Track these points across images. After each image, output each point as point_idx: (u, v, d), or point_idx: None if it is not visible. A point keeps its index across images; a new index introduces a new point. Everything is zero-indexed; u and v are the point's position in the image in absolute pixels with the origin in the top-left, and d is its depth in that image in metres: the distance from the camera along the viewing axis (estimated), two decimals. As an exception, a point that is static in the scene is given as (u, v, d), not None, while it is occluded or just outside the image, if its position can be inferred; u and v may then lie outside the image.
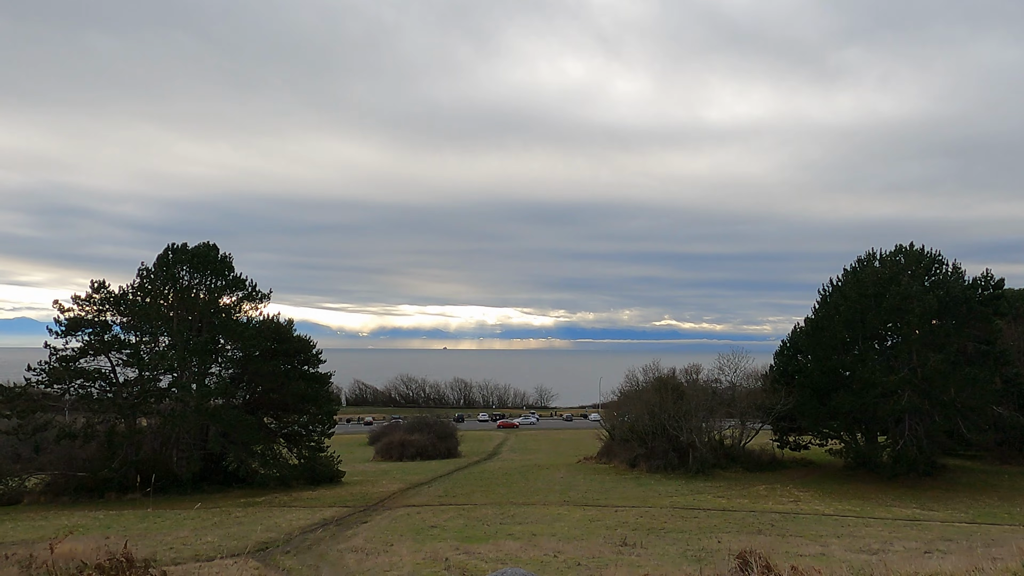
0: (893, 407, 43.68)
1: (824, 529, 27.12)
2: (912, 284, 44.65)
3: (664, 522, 28.38)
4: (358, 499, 39.10)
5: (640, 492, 41.09)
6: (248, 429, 43.78)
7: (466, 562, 15.97)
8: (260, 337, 45.41)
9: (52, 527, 29.45)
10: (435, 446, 75.31)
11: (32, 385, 43.65)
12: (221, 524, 28.66)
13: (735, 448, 53.32)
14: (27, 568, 14.76)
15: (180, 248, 45.44)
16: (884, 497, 40.34)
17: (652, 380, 55.26)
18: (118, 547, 18.55)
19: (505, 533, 24.49)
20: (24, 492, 43.32)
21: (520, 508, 33.47)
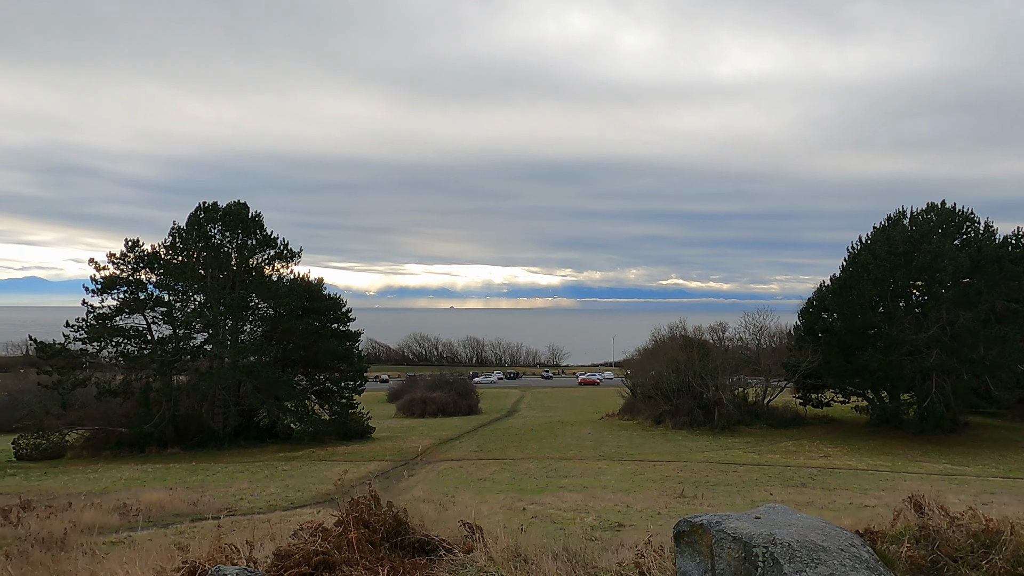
0: (921, 365, 44.02)
1: (864, 483, 27.65)
2: (944, 242, 44.58)
3: (706, 476, 28.96)
4: (394, 454, 39.85)
5: (670, 447, 41.77)
6: (283, 385, 44.47)
7: (541, 511, 16.46)
8: (292, 295, 45.80)
9: (107, 479, 30.22)
10: (456, 403, 76.36)
11: (70, 342, 44.26)
12: (273, 477, 29.37)
13: (758, 405, 53.92)
14: (125, 515, 15.31)
15: (211, 207, 45.57)
16: (911, 453, 40.93)
17: (678, 338, 55.62)
18: (194, 497, 19.17)
19: (556, 486, 25.07)
20: (66, 446, 44.29)
21: (559, 462, 34.13)
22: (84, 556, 11.43)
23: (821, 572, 3.88)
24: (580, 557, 5.19)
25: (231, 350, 42.00)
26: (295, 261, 47.35)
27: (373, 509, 4.98)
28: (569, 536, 8.45)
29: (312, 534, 4.68)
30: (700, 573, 4.32)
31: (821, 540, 4.14)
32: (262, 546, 4.52)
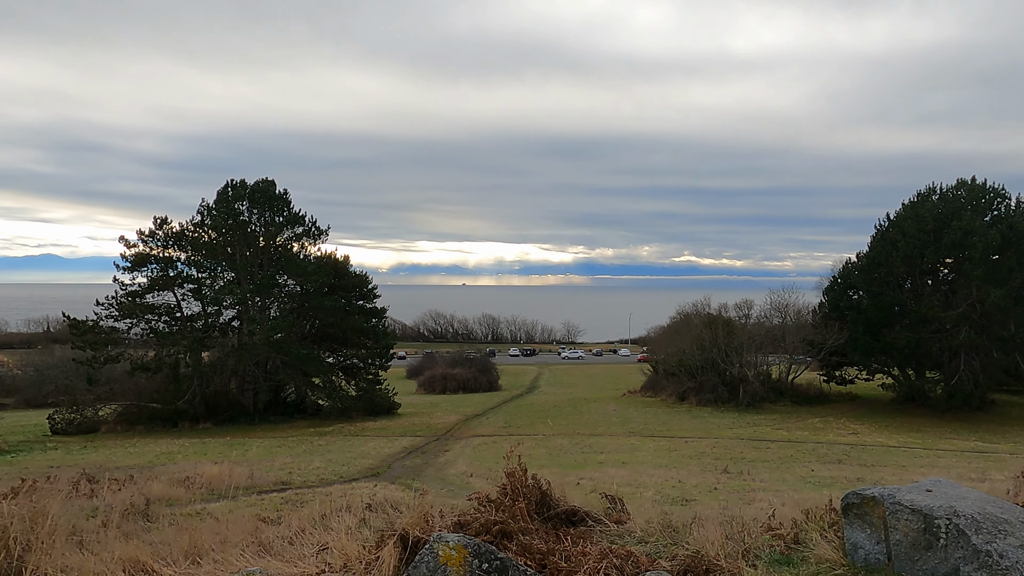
0: (950, 342, 43.88)
1: (901, 460, 27.74)
2: (974, 219, 44.18)
3: (741, 452, 29.12)
4: (424, 430, 40.23)
5: (698, 424, 41.96)
6: (313, 362, 44.88)
7: (597, 486, 16.64)
8: (320, 273, 46.05)
9: (149, 453, 30.73)
10: (477, 379, 76.87)
11: (101, 319, 44.77)
12: (312, 452, 29.77)
13: (782, 382, 54.01)
14: (190, 488, 15.62)
15: (239, 184, 45.74)
16: (940, 430, 40.93)
17: (703, 315, 55.63)
18: (248, 471, 19.50)
19: (595, 462, 25.31)
20: (99, 421, 44.99)
21: (590, 439, 34.40)
22: (171, 527, 11.71)
23: (1011, 543, 3.97)
24: (729, 527, 5.30)
25: (263, 327, 42.35)
26: (323, 239, 47.57)
27: (525, 482, 5.10)
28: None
29: (482, 504, 4.80)
30: (872, 544, 4.43)
31: (1000, 512, 4.23)
32: (442, 516, 4.65)
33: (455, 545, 3.61)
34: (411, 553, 3.83)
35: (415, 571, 3.52)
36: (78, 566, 3.68)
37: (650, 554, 4.25)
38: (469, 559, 3.59)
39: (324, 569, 3.92)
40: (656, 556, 4.28)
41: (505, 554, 3.81)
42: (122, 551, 3.91)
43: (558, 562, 3.96)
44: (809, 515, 5.68)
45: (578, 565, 3.93)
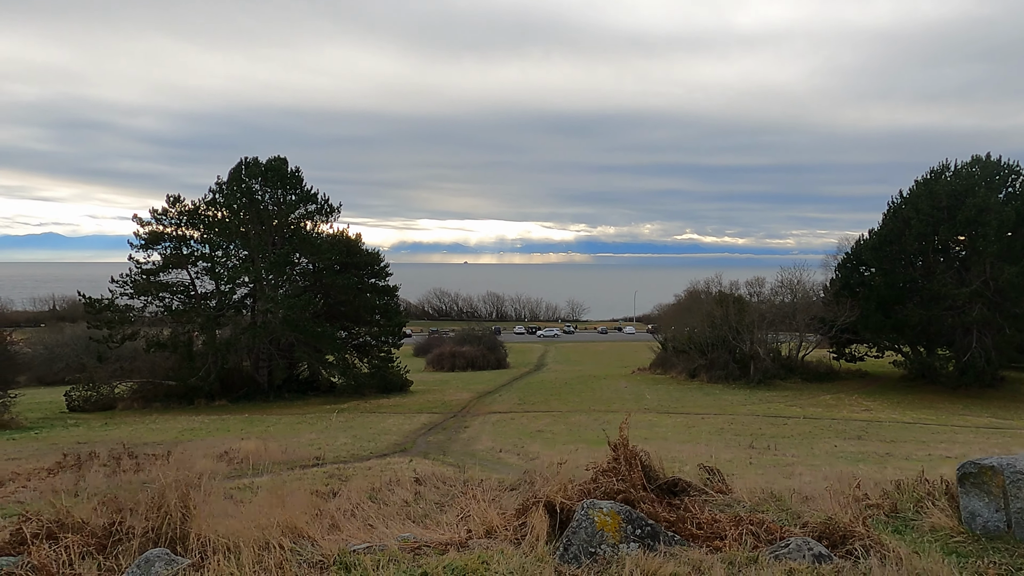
0: (962, 319, 43.97)
1: (919, 436, 27.95)
2: (989, 196, 44.07)
3: (759, 428, 29.35)
4: (440, 406, 40.48)
5: (711, 401, 42.22)
6: (328, 339, 45.08)
7: (633, 461, 16.87)
8: (333, 251, 46.09)
9: (172, 430, 30.99)
10: (485, 357, 77.17)
11: (116, 297, 44.90)
12: (333, 428, 30.01)
13: (792, 359, 54.22)
14: (230, 463, 15.82)
15: (252, 162, 45.62)
16: (952, 407, 41.17)
17: (713, 293, 55.73)
18: (281, 447, 19.69)
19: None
20: (116, 398, 45.31)
21: (607, 415, 34.61)
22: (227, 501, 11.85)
23: None
24: (828, 498, 5.40)
25: (279, 305, 42.46)
26: (335, 216, 47.53)
27: (635, 453, 5.20)
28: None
29: (600, 474, 4.89)
30: (991, 512, 4.53)
31: (1122, 481, 4.33)
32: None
33: (609, 511, 3.71)
34: (559, 520, 3.93)
35: (575, 536, 3.62)
36: (237, 530, 3.78)
37: (775, 522, 4.34)
38: (623, 524, 3.68)
39: (469, 535, 4.02)
40: (783, 524, 4.37)
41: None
42: (277, 516, 4.00)
43: (691, 529, 4.06)
44: (900, 487, 5.77)
45: (714, 532, 4.02)
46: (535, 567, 3.44)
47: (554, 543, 3.72)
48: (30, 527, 3.73)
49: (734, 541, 3.86)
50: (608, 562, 3.51)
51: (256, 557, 3.49)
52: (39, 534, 3.69)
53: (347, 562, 3.50)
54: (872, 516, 5.30)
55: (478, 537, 3.97)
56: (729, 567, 3.55)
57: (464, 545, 3.78)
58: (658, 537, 3.75)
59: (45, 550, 3.45)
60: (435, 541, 3.88)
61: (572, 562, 3.53)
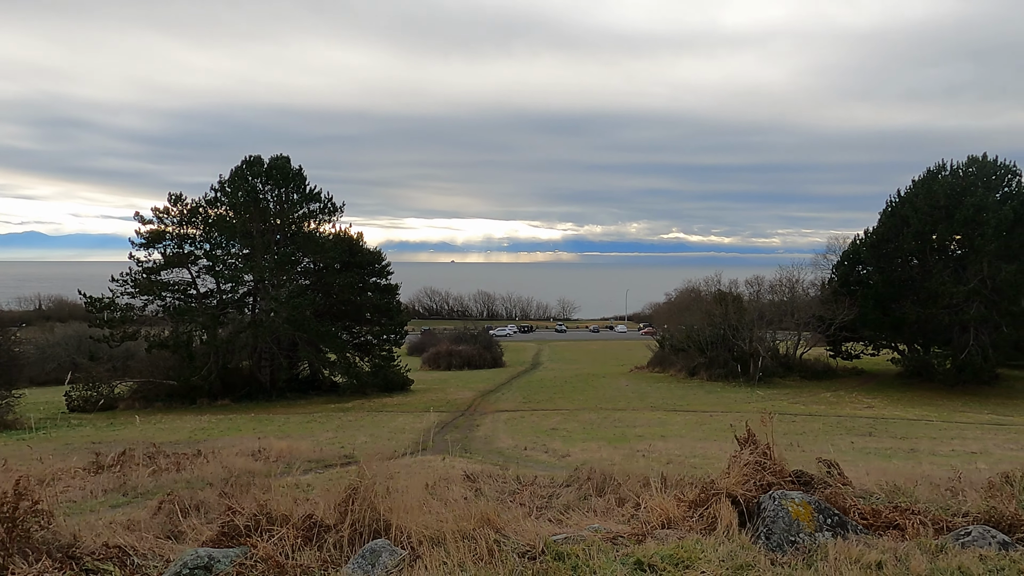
0: (960, 317, 44.59)
1: (928, 432, 28.33)
2: (987, 196, 44.73)
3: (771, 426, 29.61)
4: (445, 405, 40.53)
5: (715, 399, 42.54)
6: (331, 338, 45.01)
7: (674, 458, 17.00)
8: (337, 250, 46.01)
9: (183, 430, 30.82)
10: (481, 356, 77.29)
11: (117, 296, 44.58)
12: (345, 427, 30.00)
13: (790, 357, 54.72)
14: (265, 462, 15.80)
15: (255, 160, 45.45)
16: (951, 403, 41.73)
17: (712, 291, 56.15)
18: (308, 445, 19.68)
19: (634, 435, 25.70)
20: (117, 398, 44.97)
21: (616, 413, 34.83)
22: (283, 500, 11.85)
23: None
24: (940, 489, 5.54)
25: (284, 304, 42.33)
26: (338, 216, 47.44)
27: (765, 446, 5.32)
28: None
29: (744, 467, 5.01)
30: None
31: None
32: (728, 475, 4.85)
33: (801, 502, 3.82)
34: (744, 510, 4.04)
35: (775, 525, 3.73)
36: (435, 522, 3.85)
37: (936, 512, 4.47)
38: (815, 514, 3.80)
39: (647, 526, 4.12)
40: (942, 514, 4.50)
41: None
42: (471, 508, 4.07)
43: (867, 519, 4.17)
44: (1009, 479, 5.93)
45: (886, 521, 4.15)
46: (745, 554, 3.55)
47: (747, 533, 3.84)
48: (241, 520, 3.78)
49: (912, 530, 3.98)
50: (809, 550, 3.63)
51: (464, 547, 3.57)
52: (250, 527, 3.75)
53: (558, 551, 3.59)
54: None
55: (659, 527, 4.08)
56: (924, 554, 3.67)
57: (651, 535, 3.89)
58: (846, 526, 3.87)
59: (264, 542, 3.51)
60: (623, 532, 3.98)
61: (777, 550, 3.65)
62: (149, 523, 6.03)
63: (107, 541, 3.85)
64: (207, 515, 10.11)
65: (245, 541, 3.66)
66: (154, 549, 3.88)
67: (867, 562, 3.51)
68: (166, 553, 3.86)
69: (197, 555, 3.38)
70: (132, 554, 3.73)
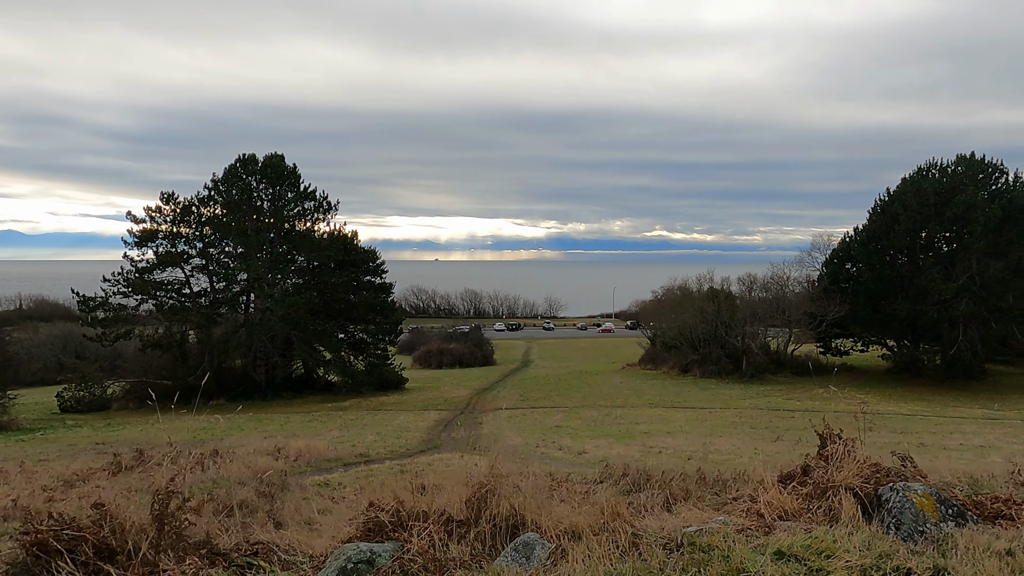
0: (950, 313, 45.29)
1: (926, 426, 28.78)
2: (976, 193, 45.43)
3: (769, 421, 29.97)
4: (442, 403, 40.55)
5: (709, 395, 42.89)
6: (326, 337, 44.86)
7: (694, 454, 17.16)
8: (332, 248, 45.85)
9: (183, 430, 30.52)
10: (472, 354, 77.29)
11: (110, 296, 44.15)
12: (348, 425, 29.95)
13: (781, 354, 55.27)
14: (287, 461, 15.78)
15: (249, 159, 45.17)
16: (942, 398, 42.38)
17: (704, 289, 56.56)
18: (324, 444, 19.67)
19: (640, 432, 25.88)
20: (110, 399, 44.55)
21: (616, 410, 35.04)
22: (320, 499, 11.91)
23: None
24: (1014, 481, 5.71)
25: (280, 302, 42.12)
26: (332, 214, 47.25)
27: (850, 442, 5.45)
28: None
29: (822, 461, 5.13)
30: None
31: None
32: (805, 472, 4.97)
33: (923, 493, 3.95)
34: (864, 503, 4.16)
35: (903, 516, 3.85)
36: (566, 517, 3.93)
37: None
38: (937, 505, 3.93)
39: (762, 518, 4.23)
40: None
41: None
42: (597, 503, 4.16)
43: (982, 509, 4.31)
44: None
45: (994, 511, 4.29)
46: (881, 543, 3.67)
47: (874, 524, 3.96)
48: (385, 515, 3.84)
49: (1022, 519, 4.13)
50: (938, 540, 3.76)
51: (605, 541, 3.66)
52: (394, 522, 3.81)
53: (697, 543, 3.69)
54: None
55: (777, 519, 4.19)
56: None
57: (776, 527, 4.00)
58: (965, 516, 4.00)
59: (414, 537, 3.57)
60: (749, 524, 4.09)
61: (908, 540, 3.77)
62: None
63: (246, 537, 3.90)
64: (253, 513, 10.13)
65: (392, 536, 3.72)
66: (291, 544, 3.93)
67: (996, 550, 3.64)
68: (303, 548, 3.91)
69: (359, 549, 3.43)
70: (276, 549, 3.78)
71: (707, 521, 4.14)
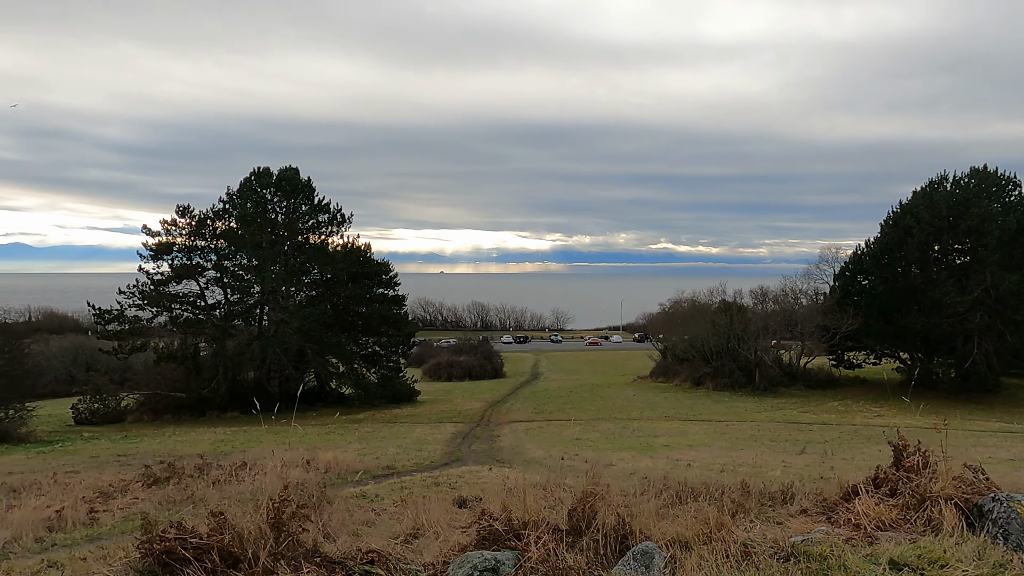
0: (964, 326, 45.17)
1: (950, 440, 28.55)
2: (990, 206, 45.45)
3: (790, 434, 29.89)
4: (456, 416, 40.51)
5: (725, 408, 42.77)
6: (340, 349, 44.94)
7: (718, 467, 17.14)
8: (347, 260, 46.04)
9: (203, 442, 30.66)
10: (482, 366, 77.28)
11: (125, 309, 44.33)
12: (367, 438, 29.95)
13: (794, 367, 55.14)
14: (316, 473, 15.79)
15: (264, 172, 45.47)
16: (958, 412, 42.10)
17: (716, 302, 56.55)
18: (351, 457, 19.69)
19: (660, 444, 25.85)
20: (125, 411, 44.62)
21: (633, 423, 34.97)
22: (361, 511, 11.91)
23: None
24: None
25: (295, 314, 42.24)
26: (346, 226, 47.47)
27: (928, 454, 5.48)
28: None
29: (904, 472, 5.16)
30: None
31: None
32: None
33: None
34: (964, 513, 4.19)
35: (1008, 526, 3.89)
36: (672, 526, 3.97)
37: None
38: (1041, 515, 3.95)
39: (860, 528, 4.26)
40: None
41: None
42: (700, 513, 4.20)
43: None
44: None
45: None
46: (993, 553, 3.71)
47: (980, 534, 3.99)
48: (499, 524, 3.89)
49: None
50: (1047, 549, 3.79)
51: (716, 550, 3.70)
52: (507, 531, 3.85)
53: (809, 553, 3.72)
54: None
55: (874, 529, 4.22)
56: None
57: (878, 537, 4.04)
58: (1068, 526, 4.04)
59: (533, 546, 3.62)
60: (848, 535, 4.13)
61: (1017, 550, 3.81)
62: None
63: (357, 546, 3.93)
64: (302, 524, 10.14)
65: (508, 545, 3.77)
66: (399, 554, 3.96)
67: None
68: (414, 557, 3.95)
69: (484, 558, 3.48)
70: (389, 557, 3.82)
71: (808, 531, 4.18)
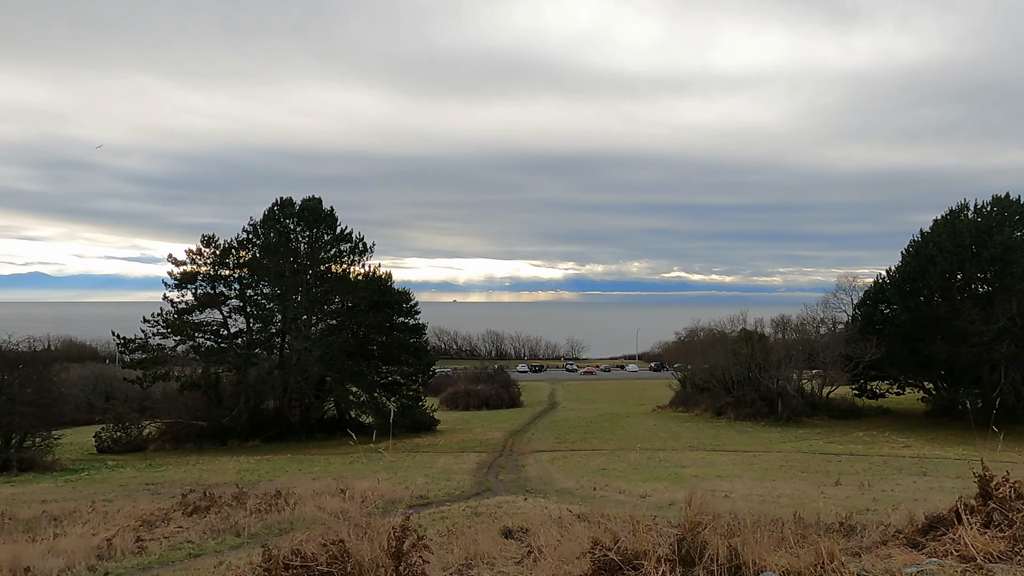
0: (990, 356, 44.64)
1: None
2: (1012, 234, 45.19)
3: (819, 465, 29.51)
4: (478, 446, 40.34)
5: (749, 439, 42.33)
6: (361, 378, 44.99)
7: (736, 498, 16.96)
8: (368, 289, 46.31)
9: (228, 471, 30.68)
10: (499, 395, 76.87)
11: (148, 337, 44.70)
12: (391, 468, 29.80)
13: (816, 396, 54.59)
14: (353, 503, 15.78)
15: (287, 202, 46.04)
16: (985, 443, 41.31)
17: (737, 330, 56.25)
18: (385, 487, 19.63)
19: (689, 475, 25.60)
20: (147, 439, 44.73)
21: (657, 453, 34.66)
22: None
23: None
24: None
25: (318, 342, 42.44)
26: (368, 255, 47.85)
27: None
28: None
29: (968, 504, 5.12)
30: None
31: None
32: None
33: None
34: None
35: None
36: (784, 557, 3.97)
37: None
38: None
39: (973, 561, 4.24)
40: None
41: None
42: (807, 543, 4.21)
43: None
44: None
45: None
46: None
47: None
48: (613, 554, 3.90)
49: None
50: None
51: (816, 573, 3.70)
52: (623, 560, 3.87)
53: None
54: None
55: (984, 561, 4.20)
56: None
57: (990, 567, 4.02)
58: None
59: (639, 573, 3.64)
60: (958, 567, 4.11)
61: None
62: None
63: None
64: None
65: (625, 574, 3.78)
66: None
67: None
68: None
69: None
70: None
71: (918, 563, 4.16)
